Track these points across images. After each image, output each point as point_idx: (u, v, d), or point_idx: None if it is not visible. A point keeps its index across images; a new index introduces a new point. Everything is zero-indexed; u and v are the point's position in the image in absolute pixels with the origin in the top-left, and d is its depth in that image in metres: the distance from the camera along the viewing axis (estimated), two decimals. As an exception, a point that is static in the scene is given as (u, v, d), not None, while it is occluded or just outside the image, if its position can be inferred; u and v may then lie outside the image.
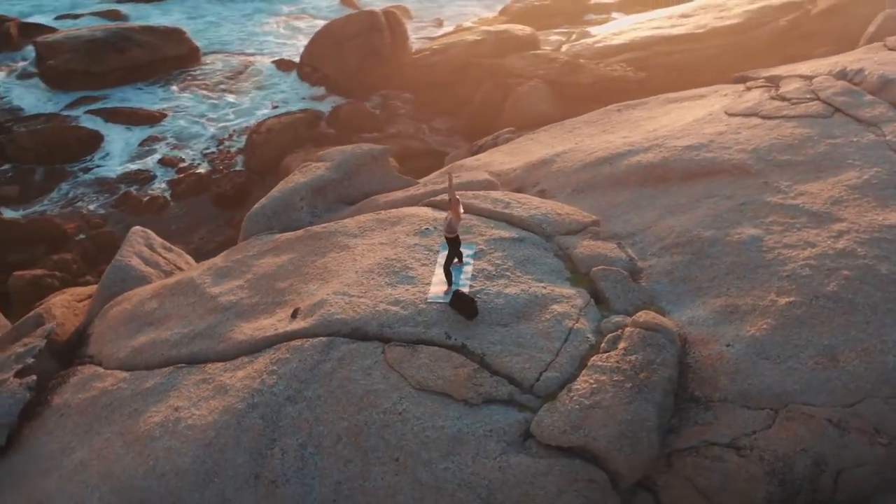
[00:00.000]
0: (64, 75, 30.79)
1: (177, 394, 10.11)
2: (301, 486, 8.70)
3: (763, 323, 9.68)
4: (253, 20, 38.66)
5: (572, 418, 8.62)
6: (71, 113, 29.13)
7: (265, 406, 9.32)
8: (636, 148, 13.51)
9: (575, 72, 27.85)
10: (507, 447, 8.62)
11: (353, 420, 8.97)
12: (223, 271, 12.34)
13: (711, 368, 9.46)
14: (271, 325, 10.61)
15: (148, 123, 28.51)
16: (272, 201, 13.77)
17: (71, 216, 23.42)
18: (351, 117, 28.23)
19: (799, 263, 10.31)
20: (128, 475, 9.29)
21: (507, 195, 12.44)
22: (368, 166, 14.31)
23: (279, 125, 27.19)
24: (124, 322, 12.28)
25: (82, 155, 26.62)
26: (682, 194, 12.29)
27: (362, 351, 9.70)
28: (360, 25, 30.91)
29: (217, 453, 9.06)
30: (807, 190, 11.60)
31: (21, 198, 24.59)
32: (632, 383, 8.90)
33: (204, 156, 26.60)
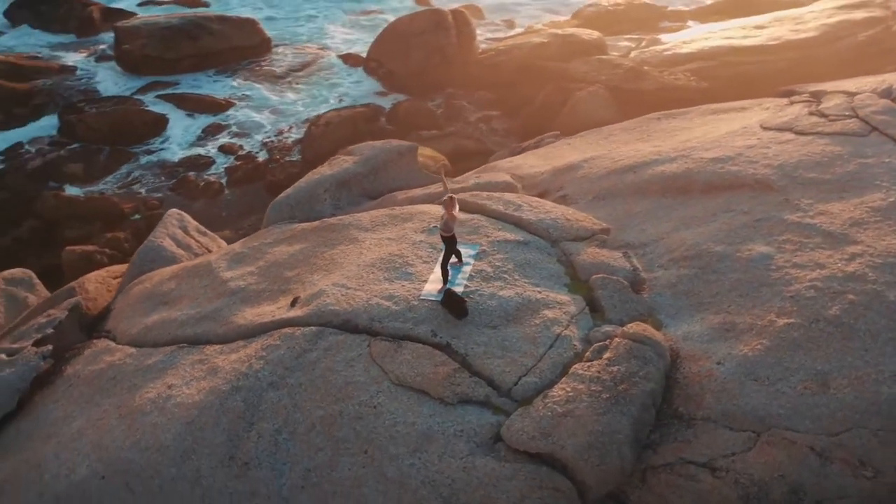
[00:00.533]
0: (138, 60, 31.87)
1: (174, 372, 10.38)
2: (272, 470, 8.83)
3: (757, 343, 9.40)
4: (326, 14, 39.26)
5: (543, 425, 8.53)
6: (141, 97, 30.13)
7: (248, 390, 9.50)
8: (662, 158, 13.26)
9: (637, 79, 27.45)
10: (476, 448, 8.59)
11: (328, 409, 9.06)
12: (238, 257, 12.61)
13: (698, 385, 9.23)
14: (271, 312, 10.80)
15: (213, 111, 29.27)
16: (297, 191, 14.01)
17: (129, 196, 24.23)
18: (410, 114, 28.43)
19: (805, 284, 9.97)
20: (116, 446, 9.57)
21: (520, 198, 12.37)
22: (395, 162, 14.41)
23: (338, 118, 27.56)
24: (142, 300, 12.66)
25: (147, 138, 27.50)
26: (700, 207, 12.01)
27: (349, 343, 9.80)
28: (427, 23, 31.10)
29: (197, 432, 9.27)
30: (828, 209, 11.20)
31: (85, 176, 25.54)
32: (609, 394, 8.76)
33: (263, 145, 27.16)
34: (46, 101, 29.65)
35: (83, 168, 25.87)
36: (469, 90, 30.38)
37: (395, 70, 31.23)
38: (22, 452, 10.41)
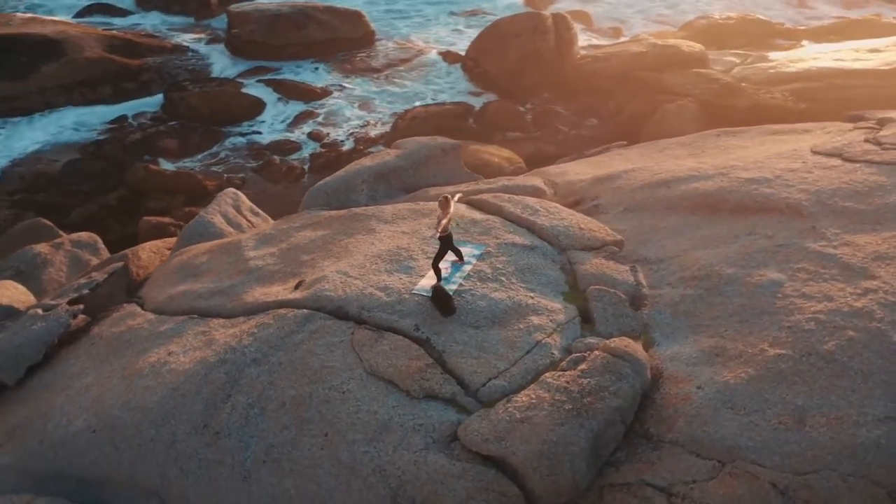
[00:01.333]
0: (245, 44, 33.16)
1: (178, 340, 10.84)
2: (239, 442, 9.13)
3: (742, 371, 9.05)
4: (434, 11, 39.70)
5: (499, 428, 8.49)
6: (243, 80, 31.33)
7: (232, 363, 9.84)
8: (699, 174, 12.88)
9: (731, 95, 26.63)
10: (431, 444, 8.63)
11: (300, 390, 9.29)
12: (266, 238, 13.02)
13: (673, 408, 8.97)
14: (276, 292, 11.13)
15: (309, 98, 30.13)
16: (335, 180, 14.33)
17: (215, 174, 25.26)
18: (498, 115, 28.50)
19: (806, 316, 9.52)
20: (110, 404, 10.10)
21: (540, 202, 12.28)
22: (438, 159, 14.54)
23: (425, 114, 27.92)
24: (176, 271, 13.25)
25: (242, 120, 28.58)
26: (725, 227, 11.63)
27: (335, 328, 10.00)
28: (526, 25, 31.06)
29: (179, 398, 9.67)
30: (854, 241, 10.64)
31: (178, 152, 26.81)
32: (572, 406, 8.63)
33: (350, 135, 27.80)
34: (155, 79, 31.24)
35: (178, 144, 27.15)
36: (563, 95, 30.18)
37: (490, 70, 31.34)
38: (37, 401, 11.10)
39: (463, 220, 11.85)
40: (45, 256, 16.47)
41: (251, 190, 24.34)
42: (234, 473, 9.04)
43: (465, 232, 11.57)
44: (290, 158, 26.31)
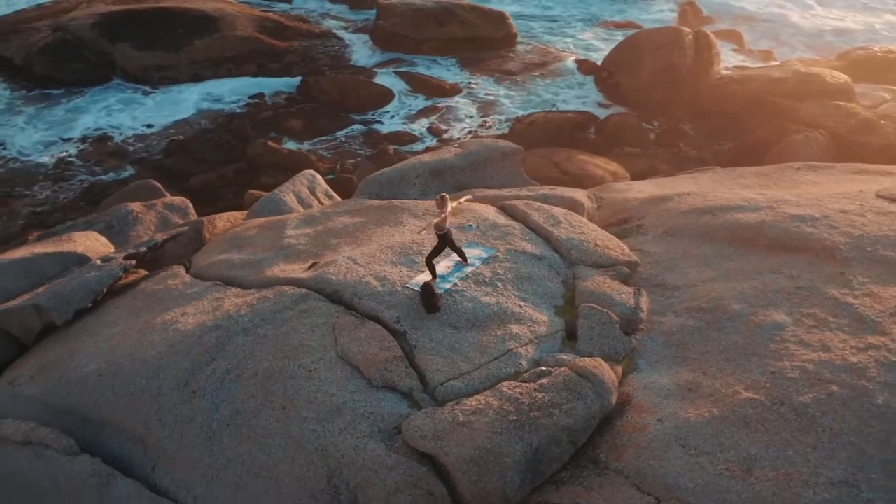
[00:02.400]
0: (388, 36, 34.14)
1: (196, 303, 11.49)
2: (211, 403, 9.63)
3: (708, 410, 8.65)
4: (581, 19, 39.29)
5: (439, 428, 8.53)
6: (378, 70, 32.28)
7: (225, 330, 10.35)
8: (749, 205, 12.28)
9: (867, 131, 24.98)
10: (376, 433, 8.79)
11: (273, 364, 9.67)
12: (309, 219, 13.51)
13: (627, 437, 8.70)
14: (291, 270, 11.57)
15: (437, 94, 30.67)
16: (392, 171, 14.66)
17: (329, 158, 26.23)
18: (620, 128, 27.97)
19: (795, 363, 8.96)
20: (120, 353, 10.86)
21: (568, 215, 12.09)
22: (497, 162, 14.56)
23: (544, 120, 27.82)
24: (227, 240, 13.98)
25: (369, 108, 29.48)
26: (754, 262, 11.06)
27: (323, 311, 10.32)
28: (663, 39, 30.27)
29: (172, 356, 10.28)
30: (879, 293, 9.87)
31: (302, 132, 28.03)
32: (517, 417, 8.53)
33: (467, 133, 28.10)
34: (297, 61, 32.71)
35: (303, 125, 28.37)
36: (693, 115, 29.22)
37: (623, 82, 30.77)
38: (72, 342, 12.05)
39: (485, 223, 11.86)
40: (136, 215, 17.69)
41: (360, 176, 25.07)
42: (201, 432, 9.54)
43: (483, 235, 11.59)
44: (404, 149, 26.92)
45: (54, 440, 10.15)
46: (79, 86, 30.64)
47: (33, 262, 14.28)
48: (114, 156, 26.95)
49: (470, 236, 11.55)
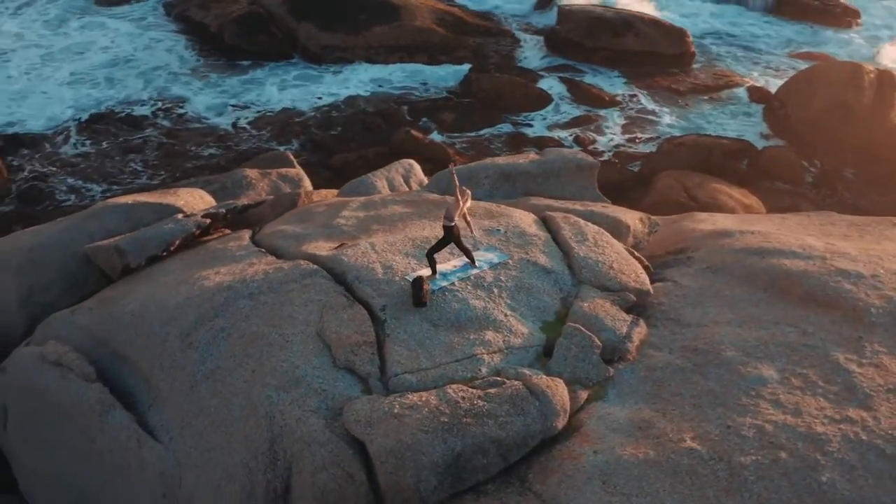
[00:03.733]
0: (561, 42, 34.01)
1: (232, 265, 12.20)
2: (200, 356, 10.31)
3: (644, 452, 8.27)
4: (773, 44, 37.09)
5: (374, 416, 8.72)
6: (543, 73, 32.25)
7: (234, 292, 11.00)
8: (802, 253, 11.43)
9: None
10: (322, 409, 9.11)
11: (260, 329, 10.20)
12: (368, 204, 13.93)
13: (559, 463, 8.49)
14: (320, 247, 12.03)
15: (595, 104, 30.22)
16: (463, 168, 14.82)
17: (467, 153, 26.60)
18: (775, 162, 26.37)
19: (757, 422, 8.38)
20: (153, 298, 11.80)
21: (597, 234, 11.75)
22: (571, 173, 14.35)
23: (694, 143, 26.72)
24: (298, 214, 14.69)
25: (523, 110, 29.57)
26: (778, 312, 10.34)
27: (324, 288, 10.72)
28: (841, 75, 28.13)
29: (184, 308, 11.07)
30: (889, 366, 8.98)
31: (451, 125, 28.63)
32: (448, 420, 8.56)
33: (613, 147, 27.57)
34: (468, 56, 33.28)
35: (454, 119, 28.92)
36: (862, 159, 26.97)
37: (792, 114, 28.90)
38: (133, 284, 13.18)
39: (513, 230, 11.79)
40: (250, 180, 18.89)
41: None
42: (187, 381, 10.25)
43: (505, 241, 11.54)
44: (543, 154, 26.85)
45: (78, 366, 11.22)
46: (261, 58, 32.84)
47: (134, 208, 15.65)
48: (278, 126, 28.72)
49: (493, 240, 11.53)
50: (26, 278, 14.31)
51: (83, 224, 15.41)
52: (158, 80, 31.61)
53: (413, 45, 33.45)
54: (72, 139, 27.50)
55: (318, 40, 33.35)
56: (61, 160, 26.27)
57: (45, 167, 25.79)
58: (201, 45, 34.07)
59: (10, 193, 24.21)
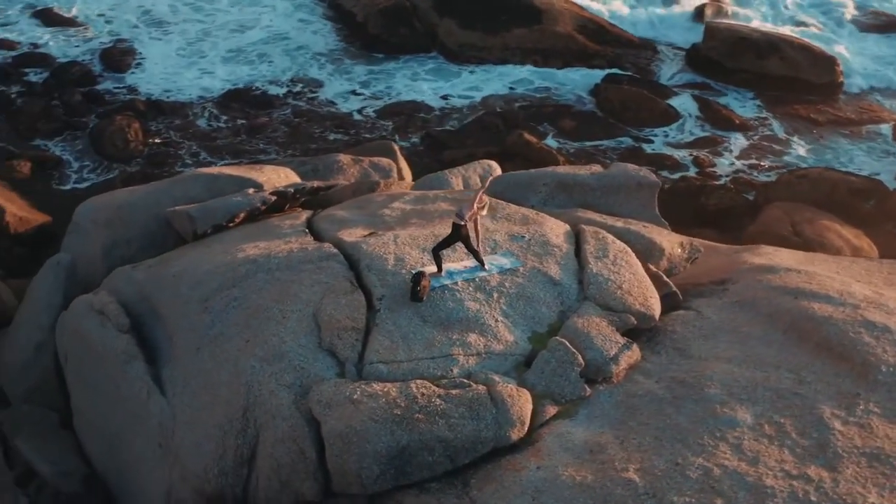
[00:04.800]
0: (702, 59, 32.85)
1: (273, 241, 12.69)
2: (211, 321, 10.90)
3: (583, 476, 8.12)
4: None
5: (334, 399, 9.01)
6: (676, 90, 31.31)
7: (257, 266, 11.51)
8: (837, 298, 10.70)
9: None
10: (296, 386, 9.49)
11: (265, 303, 10.67)
12: (419, 198, 14.14)
13: (501, 473, 8.48)
14: (354, 234, 12.34)
15: (724, 126, 29.01)
16: (521, 175, 14.83)
17: (577, 161, 26.29)
18: (905, 204, 24.52)
19: (707, 464, 8.04)
20: (192, 264, 12.50)
21: (619, 252, 11.42)
22: (630, 191, 13.99)
23: (819, 177, 25.12)
24: (358, 201, 15.09)
25: (647, 125, 28.84)
26: (785, 355, 9.79)
27: (335, 272, 11.04)
28: None
29: (212, 275, 11.70)
30: (876, 429, 8.35)
31: (570, 132, 28.27)
32: (401, 413, 8.69)
33: (732, 172, 26.43)
34: (603, 66, 32.76)
35: (575, 126, 28.60)
36: None
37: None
38: (191, 248, 14.00)
39: (538, 239, 11.68)
40: (341, 165, 19.51)
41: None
42: (194, 342, 10.88)
43: (526, 248, 11.45)
44: (658, 171, 26.11)
45: (115, 316, 12.10)
46: (400, 51, 33.60)
47: (218, 179, 16.59)
48: (402, 118, 29.37)
49: (514, 246, 11.48)
50: (112, 232, 15.42)
51: (170, 188, 16.44)
52: (299, 61, 32.97)
53: (550, 49, 33.27)
54: (208, 111, 29.16)
55: (456, 37, 33.79)
56: (193, 130, 27.91)
57: (177, 135, 27.51)
58: (346, 32, 35.19)
59: (141, 155, 25.97)
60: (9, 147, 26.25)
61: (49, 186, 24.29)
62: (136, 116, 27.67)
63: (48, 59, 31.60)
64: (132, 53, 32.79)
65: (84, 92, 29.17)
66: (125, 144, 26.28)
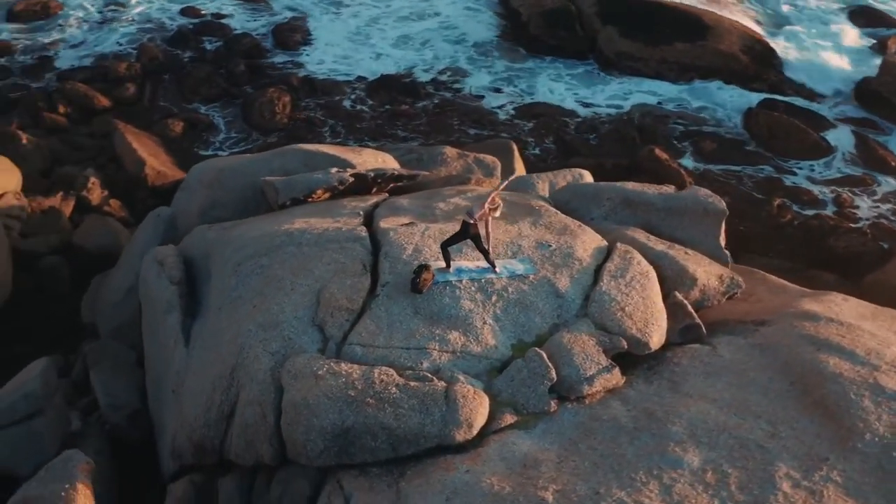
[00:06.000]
0: (871, 94, 30.40)
1: (322, 218, 13.07)
2: (236, 283, 11.54)
3: (501, 486, 8.09)
4: None
5: (302, 372, 9.43)
6: (837, 122, 29.34)
7: (290, 238, 12.01)
8: (860, 357, 9.90)
9: None
10: (279, 354, 10.00)
11: (283, 273, 11.22)
12: (480, 196, 14.12)
13: (433, 468, 8.60)
14: (395, 221, 12.64)
15: (878, 168, 26.58)
16: (590, 185, 14.64)
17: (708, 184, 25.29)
18: None
19: (627, 499, 7.83)
20: (249, 230, 13.20)
21: (642, 276, 11.04)
22: (696, 216, 13.38)
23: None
24: (426, 193, 15.36)
25: (792, 156, 27.27)
26: (774, 407, 9.19)
27: (353, 254, 11.41)
28: None
29: (253, 241, 12.29)
30: (827, 499, 7.79)
31: (706, 154, 27.20)
32: (355, 395, 8.96)
33: (875, 216, 24.48)
34: (763, 89, 31.09)
35: (715, 148, 27.35)
36: None
37: None
38: (263, 217, 14.77)
39: (564, 249, 11.53)
40: (445, 157, 19.80)
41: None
42: (218, 302, 11.65)
43: (549, 257, 11.34)
44: (798, 209, 24.70)
45: (170, 268, 13.10)
46: (556, 53, 33.45)
47: (315, 155, 17.38)
48: (542, 119, 29.24)
49: (536, 254, 11.41)
50: (211, 193, 16.54)
51: (271, 159, 17.39)
52: (456, 54, 33.56)
53: (710, 67, 32.02)
54: (357, 94, 30.37)
55: (615, 45, 33.22)
56: (339, 110, 29.10)
57: (322, 113, 28.83)
58: (509, 29, 35.47)
59: (284, 129, 27.43)
60: (170, 106, 28.56)
61: (193, 147, 26.22)
62: (289, 91, 29.19)
63: (225, 29, 33.84)
64: (303, 31, 34.57)
65: (248, 63, 30.97)
66: (272, 116, 27.84)
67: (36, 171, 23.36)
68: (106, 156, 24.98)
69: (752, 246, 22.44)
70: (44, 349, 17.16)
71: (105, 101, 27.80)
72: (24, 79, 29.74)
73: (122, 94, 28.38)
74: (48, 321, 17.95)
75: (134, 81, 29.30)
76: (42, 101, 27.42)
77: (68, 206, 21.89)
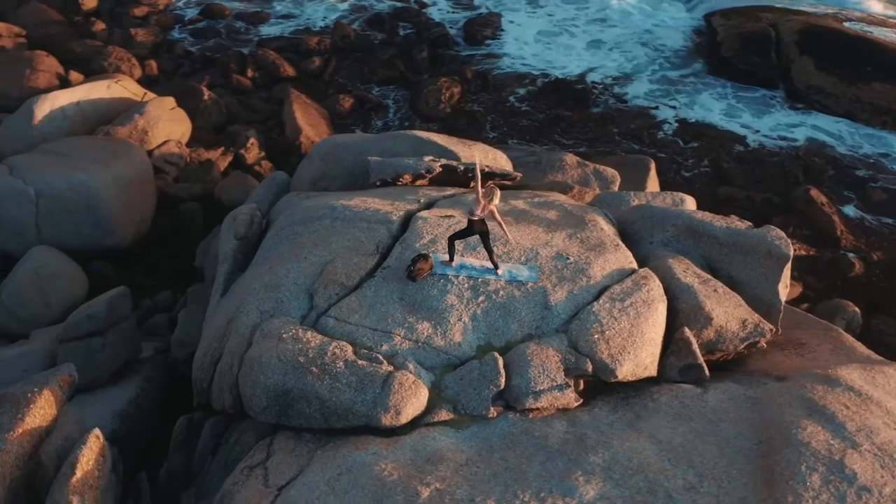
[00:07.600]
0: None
1: (380, 199, 13.68)
2: (272, 244, 12.39)
3: (387, 471, 8.28)
4: None
5: (270, 333, 10.07)
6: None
7: (331, 211, 12.56)
8: (847, 431, 8.99)
9: None
10: (266, 314, 10.71)
11: (307, 243, 11.86)
12: (542, 203, 14.10)
13: (345, 444, 8.93)
14: (437, 213, 12.94)
15: None
16: (657, 208, 13.98)
17: (854, 235, 23.35)
18: None
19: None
20: (314, 202, 13.97)
21: (649, 303, 10.57)
22: (758, 257, 12.32)
23: None
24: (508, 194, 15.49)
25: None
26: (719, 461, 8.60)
27: (375, 235, 11.83)
28: None
29: (307, 211, 12.98)
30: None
31: (873, 204, 25.04)
32: (304, 361, 9.41)
33: None
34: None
35: (885, 199, 25.03)
36: None
37: None
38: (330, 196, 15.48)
39: (580, 263, 11.31)
40: (563, 164, 19.29)
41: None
42: (257, 259, 12.52)
43: (560, 269, 11.15)
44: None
45: (237, 225, 14.03)
46: (742, 78, 31.85)
47: (425, 143, 17.94)
48: (704, 141, 27.88)
49: (551, 264, 11.26)
50: (324, 164, 17.59)
51: (382, 140, 18.21)
52: (637, 65, 33.01)
53: (898, 110, 29.38)
54: (526, 93, 30.62)
55: (808, 78, 31.09)
56: (503, 108, 29.47)
57: (486, 108, 29.35)
58: (702, 47, 34.35)
59: (445, 117, 28.16)
60: (347, 83, 30.19)
61: (355, 124, 27.56)
62: (461, 82, 29.95)
63: (422, 17, 35.15)
64: (494, 27, 35.26)
65: (432, 52, 32.02)
66: (436, 104, 28.73)
67: (210, 126, 25.58)
68: (275, 120, 26.88)
69: (893, 309, 20.58)
70: (162, 284, 19.08)
71: (290, 70, 29.82)
72: (227, 41, 32.48)
73: (307, 66, 30.31)
74: (173, 260, 19.84)
75: (321, 56, 31.12)
76: (234, 64, 29.81)
77: (225, 160, 23.81)
